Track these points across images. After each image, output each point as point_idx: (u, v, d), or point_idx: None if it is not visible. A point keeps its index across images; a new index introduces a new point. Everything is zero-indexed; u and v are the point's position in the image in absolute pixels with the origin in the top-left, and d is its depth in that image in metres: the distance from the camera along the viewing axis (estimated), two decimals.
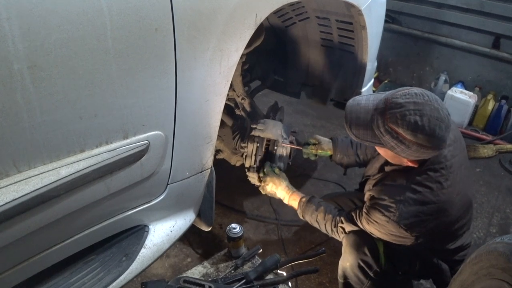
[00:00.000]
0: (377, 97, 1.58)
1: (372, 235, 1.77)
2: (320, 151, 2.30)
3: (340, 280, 1.95)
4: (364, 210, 1.74)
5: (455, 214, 1.70)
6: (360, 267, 1.80)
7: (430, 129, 1.44)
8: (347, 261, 1.85)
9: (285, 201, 2.16)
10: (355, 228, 1.83)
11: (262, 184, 2.18)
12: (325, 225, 1.95)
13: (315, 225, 2.02)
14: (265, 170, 2.18)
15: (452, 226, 1.75)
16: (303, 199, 2.07)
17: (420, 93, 1.51)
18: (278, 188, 2.15)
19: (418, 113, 1.44)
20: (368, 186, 1.87)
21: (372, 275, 1.79)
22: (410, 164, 1.63)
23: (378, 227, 1.68)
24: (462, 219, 1.78)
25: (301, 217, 2.10)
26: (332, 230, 1.94)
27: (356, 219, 1.80)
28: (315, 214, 1.98)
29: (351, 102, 1.65)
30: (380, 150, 1.70)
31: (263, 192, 2.26)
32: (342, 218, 1.88)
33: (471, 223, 1.91)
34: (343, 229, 1.88)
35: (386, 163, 1.81)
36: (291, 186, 2.17)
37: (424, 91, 1.53)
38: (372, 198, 1.74)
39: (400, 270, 1.81)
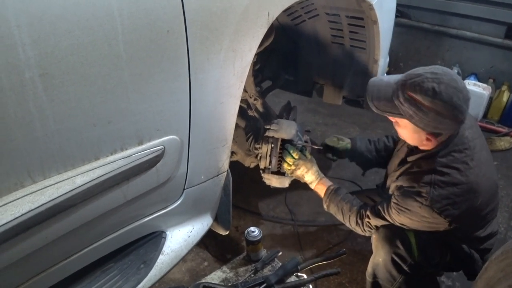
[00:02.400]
0: (398, 75, 1.65)
1: (403, 226, 1.74)
2: (341, 142, 2.32)
3: (369, 279, 1.92)
4: (394, 200, 1.72)
5: (484, 196, 1.68)
6: (393, 261, 1.77)
7: (448, 96, 1.48)
8: (379, 257, 1.82)
9: (312, 186, 2.14)
10: (382, 222, 1.81)
11: (293, 167, 2.15)
12: (349, 216, 1.94)
13: (339, 216, 2.00)
14: (293, 154, 2.15)
15: (482, 210, 1.72)
16: (332, 187, 2.06)
17: (440, 67, 1.58)
18: (308, 172, 2.12)
19: (436, 81, 1.50)
20: (391, 179, 1.87)
21: (406, 269, 1.76)
22: (429, 144, 1.66)
23: (410, 215, 1.66)
24: (491, 203, 1.76)
25: (325, 206, 2.08)
26: (357, 223, 1.91)
27: (384, 212, 1.77)
28: (341, 204, 1.97)
29: (373, 79, 1.74)
30: (400, 127, 1.71)
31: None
32: (368, 213, 1.85)
33: (498, 209, 1.89)
34: (370, 224, 1.85)
35: (408, 154, 1.82)
36: (320, 172, 2.15)
37: (444, 68, 1.59)
38: (400, 187, 1.73)
39: (432, 261, 1.77)
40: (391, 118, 1.70)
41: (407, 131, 1.68)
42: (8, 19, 0.89)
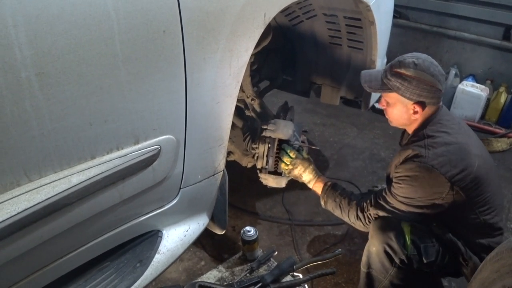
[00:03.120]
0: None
1: (407, 201, 1.77)
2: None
3: (363, 269, 1.94)
4: (395, 174, 1.81)
5: (481, 163, 1.76)
6: (385, 252, 1.79)
7: (425, 67, 1.75)
8: (373, 246, 1.84)
9: (310, 185, 2.16)
10: (383, 211, 1.84)
11: (291, 167, 2.16)
12: (348, 211, 1.96)
13: (337, 211, 2.02)
14: (290, 153, 2.16)
15: (483, 182, 1.76)
16: (329, 183, 2.09)
17: (420, 53, 1.86)
18: (306, 171, 2.15)
19: (415, 57, 1.79)
20: (389, 169, 2.01)
21: (397, 261, 1.78)
22: (417, 116, 1.83)
23: (412, 180, 1.72)
24: (492, 182, 1.82)
25: (322, 203, 2.10)
26: (357, 216, 1.93)
27: (386, 193, 1.83)
28: (339, 199, 2.00)
29: (364, 70, 2.05)
30: (390, 106, 1.90)
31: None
32: (368, 202, 1.89)
33: (503, 202, 1.97)
34: (371, 215, 1.89)
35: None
36: (317, 170, 2.18)
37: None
38: (397, 164, 1.85)
39: (427, 259, 1.77)
40: (381, 104, 1.96)
41: (396, 108, 1.87)
42: (5, 18, 0.89)
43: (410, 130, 1.93)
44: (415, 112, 1.82)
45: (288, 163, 2.15)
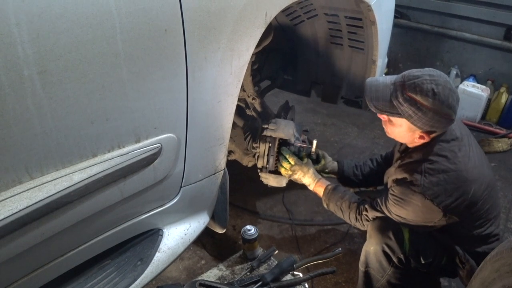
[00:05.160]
0: (393, 76, 1.73)
1: (400, 219, 1.77)
2: (326, 171, 2.37)
3: (361, 268, 1.95)
4: (390, 191, 1.77)
5: (477, 187, 1.71)
6: (384, 251, 1.80)
7: (445, 96, 1.57)
8: (371, 245, 1.85)
9: (311, 188, 2.18)
10: (379, 214, 1.84)
11: (290, 172, 2.17)
12: (349, 213, 1.98)
13: (339, 213, 2.04)
14: (290, 159, 2.16)
15: (478, 203, 1.73)
16: (329, 187, 2.10)
17: (433, 69, 1.66)
18: (305, 176, 2.16)
19: (434, 82, 1.58)
20: (387, 176, 1.95)
21: (395, 261, 1.78)
22: (421, 141, 1.72)
23: (405, 204, 1.70)
24: (488, 200, 1.77)
25: (325, 205, 2.12)
26: (356, 219, 1.95)
27: (382, 204, 1.81)
28: (340, 202, 2.01)
29: (370, 79, 1.79)
30: (395, 126, 1.76)
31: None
32: (367, 206, 1.89)
33: (500, 210, 1.91)
34: (367, 217, 1.89)
35: (403, 151, 1.89)
36: (317, 173, 2.19)
37: (436, 70, 1.67)
38: (395, 180, 1.78)
39: (424, 260, 1.78)
40: (381, 116, 1.79)
41: (401, 130, 1.74)
42: (8, 17, 0.90)
43: (410, 145, 1.84)
44: (421, 137, 1.71)
45: (287, 169, 2.16)
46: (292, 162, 2.15)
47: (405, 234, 1.78)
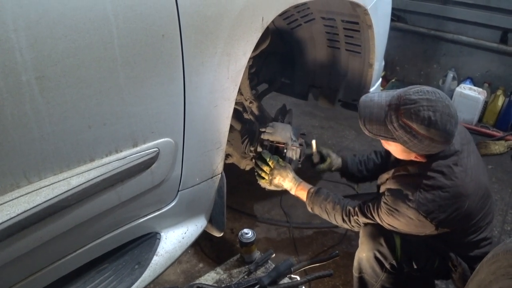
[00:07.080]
0: (389, 94, 1.64)
1: (391, 228, 1.76)
2: (334, 161, 2.39)
3: (355, 274, 1.95)
4: (383, 200, 1.74)
5: (472, 199, 1.69)
6: (376, 258, 1.80)
7: (442, 124, 1.50)
8: (363, 252, 1.85)
9: (292, 192, 2.16)
10: (371, 221, 1.83)
11: (270, 177, 2.16)
12: (334, 215, 1.97)
13: (324, 215, 2.03)
14: (270, 162, 2.16)
15: (471, 215, 1.72)
16: (312, 190, 2.08)
17: (432, 90, 1.57)
18: (285, 180, 2.15)
19: (432, 109, 1.50)
20: (381, 181, 1.93)
21: (388, 267, 1.78)
22: (418, 158, 1.68)
23: (398, 215, 1.68)
24: (482, 209, 1.77)
25: (309, 209, 2.10)
26: (343, 220, 1.94)
27: (373, 210, 1.79)
28: (324, 204, 2.00)
29: (364, 98, 1.70)
30: (390, 146, 1.73)
31: (268, 187, 2.25)
32: (357, 210, 1.87)
33: (493, 215, 1.90)
34: (358, 221, 1.88)
35: (397, 159, 1.84)
36: (297, 177, 2.17)
37: (435, 89, 1.59)
38: (389, 190, 1.75)
39: (417, 265, 1.78)
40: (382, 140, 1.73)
41: (397, 149, 1.71)
42: (6, 23, 0.91)
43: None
44: (417, 157, 1.67)
45: (267, 172, 2.16)
46: (272, 166, 2.14)
47: (397, 240, 1.77)
